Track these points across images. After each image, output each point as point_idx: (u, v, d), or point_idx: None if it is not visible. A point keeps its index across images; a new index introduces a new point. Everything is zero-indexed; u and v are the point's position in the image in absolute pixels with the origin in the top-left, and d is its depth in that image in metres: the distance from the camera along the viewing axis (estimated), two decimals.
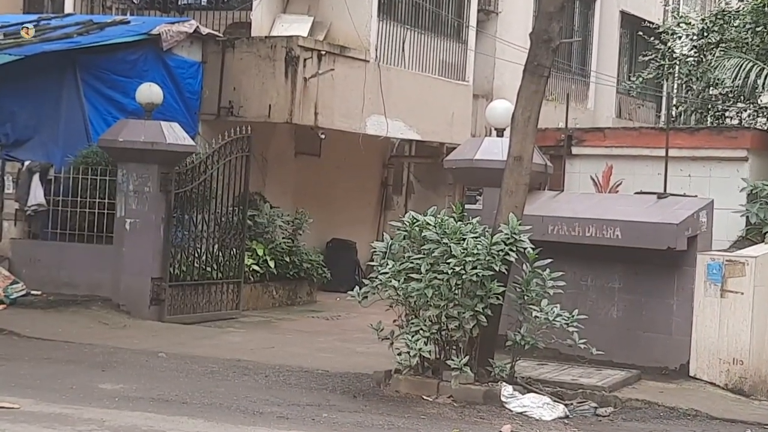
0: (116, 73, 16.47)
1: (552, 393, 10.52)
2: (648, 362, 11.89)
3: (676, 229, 11.61)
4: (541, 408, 10.12)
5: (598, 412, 10.30)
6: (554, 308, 10.41)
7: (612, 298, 12.23)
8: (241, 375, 11.49)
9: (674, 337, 11.91)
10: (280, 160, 19.25)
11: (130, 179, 14.92)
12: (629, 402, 10.62)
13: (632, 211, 12.11)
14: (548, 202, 12.60)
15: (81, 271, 15.21)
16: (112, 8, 19.56)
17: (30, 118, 15.86)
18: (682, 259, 11.81)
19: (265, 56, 17.68)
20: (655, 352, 11.96)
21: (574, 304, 10.87)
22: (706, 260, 11.74)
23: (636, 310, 12.11)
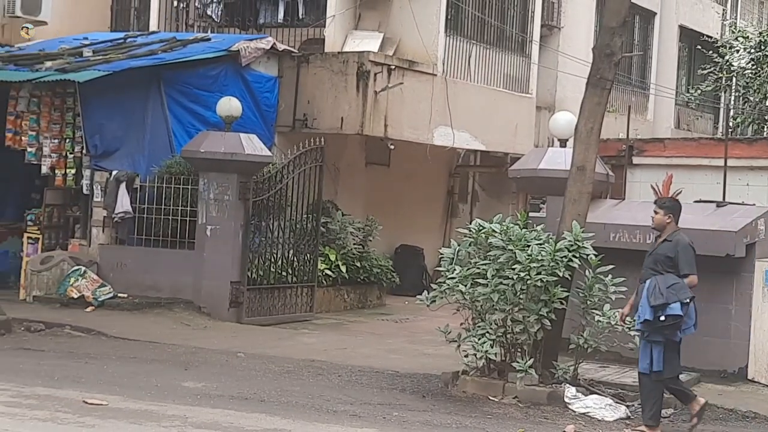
0: (198, 87, 16.58)
1: (614, 395, 10.43)
2: (707, 365, 11.74)
3: (734, 236, 11.48)
4: (604, 409, 10.05)
5: None
6: (616, 313, 10.33)
7: None
8: (316, 375, 11.52)
9: (733, 341, 11.76)
10: (352, 169, 19.29)
11: (211, 188, 15.03)
12: None
13: (692, 219, 11.95)
14: (610, 210, 12.50)
15: (164, 275, 15.33)
16: (194, 26, 19.72)
17: (117, 130, 15.97)
18: (740, 266, 11.67)
19: (338, 71, 17.72)
20: (714, 356, 11.81)
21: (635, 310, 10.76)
22: (764, 267, 11.59)
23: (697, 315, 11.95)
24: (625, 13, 11.15)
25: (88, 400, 9.30)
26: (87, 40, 18.42)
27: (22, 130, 16.21)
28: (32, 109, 16.18)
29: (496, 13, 20.78)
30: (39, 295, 15.34)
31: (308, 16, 19.12)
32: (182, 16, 19.99)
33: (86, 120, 15.71)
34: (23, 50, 18.29)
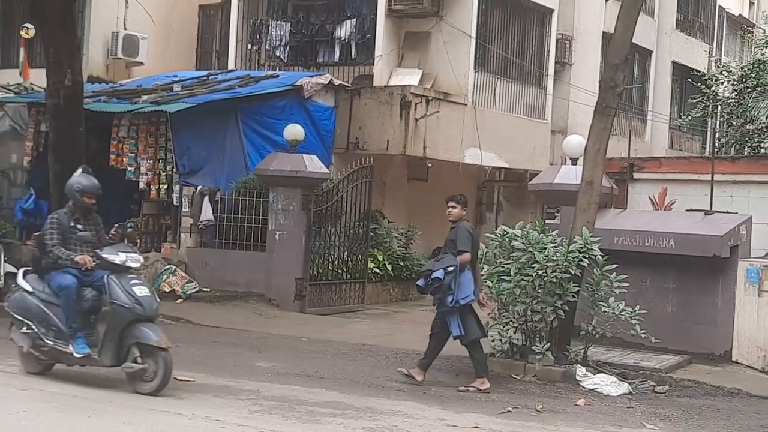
0: (268, 116, 16.63)
1: (618, 373, 10.37)
2: (697, 349, 11.63)
3: (720, 240, 11.36)
4: (609, 386, 9.98)
5: (656, 389, 10.12)
6: (619, 304, 10.27)
7: (667, 296, 11.99)
8: (367, 356, 11.52)
9: (719, 329, 11.63)
10: (396, 184, 19.28)
11: (279, 200, 15.08)
12: (682, 382, 10.40)
13: (684, 225, 11.88)
14: (614, 218, 12.41)
15: (240, 273, 15.39)
16: (265, 65, 19.81)
17: (202, 152, 16.06)
18: (725, 265, 11.55)
19: (384, 101, 17.74)
20: (703, 341, 11.69)
21: (636, 301, 10.70)
22: (745, 266, 11.47)
23: (687, 307, 11.86)
24: (626, 52, 11.08)
25: (179, 376, 9.35)
26: (176, 77, 18.57)
27: (123, 153, 16.32)
28: (131, 135, 16.28)
29: (517, 52, 20.70)
30: None
31: (359, 56, 19.16)
32: (255, 57, 20.10)
33: (176, 144, 15.83)
34: (124, 86, 18.48)
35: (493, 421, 8.43)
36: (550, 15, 21.38)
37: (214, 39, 21.88)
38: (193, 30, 21.90)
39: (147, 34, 20.17)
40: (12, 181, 18.06)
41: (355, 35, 19.13)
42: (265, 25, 19.90)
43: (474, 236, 10.08)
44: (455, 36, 18.70)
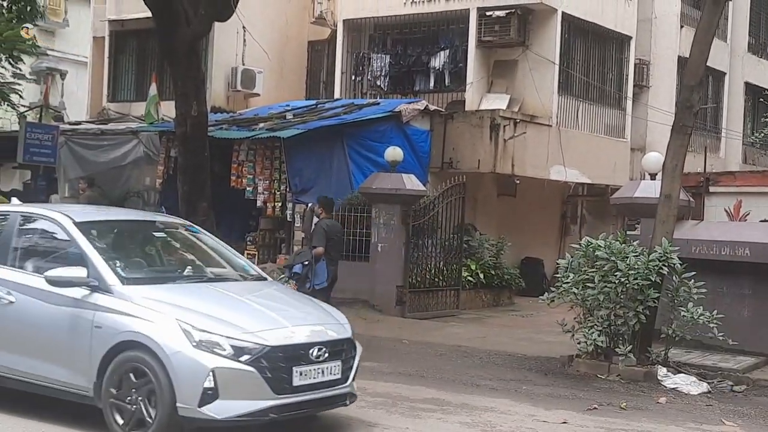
0: (371, 139, 16.75)
1: (697, 374, 10.11)
2: None
3: None
4: (689, 385, 9.75)
5: (734, 389, 9.85)
6: (698, 309, 10.03)
7: (743, 301, 11.64)
8: (462, 357, 11.49)
9: None
10: (487, 199, 19.19)
11: (381, 215, 15.16)
12: (758, 381, 10.09)
13: (758, 235, 11.54)
14: (691, 229, 12.13)
15: (347, 281, 15.30)
16: (367, 94, 19.97)
17: (311, 173, 16.23)
18: None
19: (475, 124, 17.71)
20: None
21: (713, 306, 10.39)
22: None
23: (762, 311, 11.50)
24: (701, 74, 10.84)
25: None
26: (288, 106, 18.85)
27: (242, 175, 16.63)
28: (250, 159, 16.59)
29: (598, 76, 20.43)
30: None
31: (452, 84, 19.18)
32: (358, 86, 20.29)
33: (289, 166, 16.05)
34: (243, 115, 18.86)
35: (580, 417, 8.32)
36: (629, 42, 21.04)
37: (321, 71, 22.15)
38: (303, 64, 22.22)
39: (262, 69, 20.55)
40: (146, 200, 18.59)
41: (449, 65, 19.17)
42: (367, 58, 20.08)
43: (329, 232, 11.35)
44: (540, 63, 18.57)
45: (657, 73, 22.66)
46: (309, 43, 22.20)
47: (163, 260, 8.07)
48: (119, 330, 6.71)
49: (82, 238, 7.29)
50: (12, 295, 7.32)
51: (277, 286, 8.32)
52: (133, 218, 8.86)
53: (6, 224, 7.82)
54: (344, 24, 20.31)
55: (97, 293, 6.92)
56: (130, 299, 6.82)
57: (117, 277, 6.99)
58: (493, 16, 18.31)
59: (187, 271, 7.90)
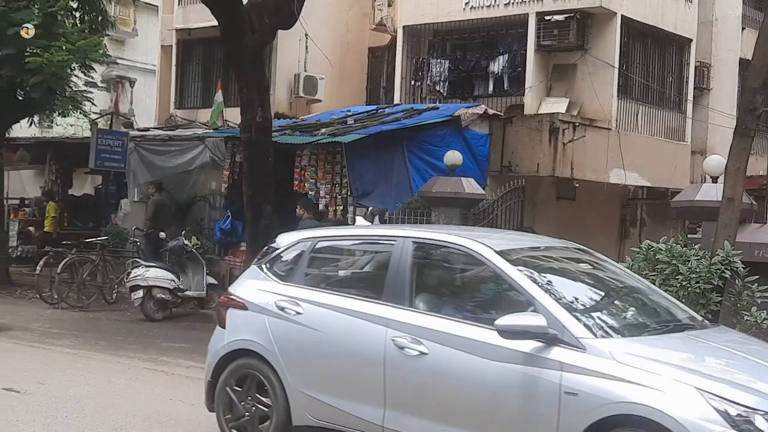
0: (430, 143, 16.71)
1: None
2: None
3: None
4: None
5: None
6: (761, 313, 9.79)
7: None
8: None
9: None
10: (546, 203, 19.02)
11: (440, 219, 15.05)
12: None
13: None
14: (754, 232, 11.85)
15: None
16: (427, 98, 19.95)
17: (372, 177, 16.26)
18: None
19: (534, 128, 17.57)
20: None
21: None
22: None
23: None
24: (764, 77, 10.58)
25: None
26: (349, 112, 18.93)
27: (305, 179, 16.72)
28: (312, 163, 16.66)
29: (658, 79, 20.13)
30: None
31: (511, 88, 19.06)
32: (418, 91, 20.29)
33: (350, 170, 16.08)
34: (305, 121, 18.99)
35: None
36: (689, 44, 20.69)
37: (381, 77, 22.22)
38: (364, 69, 22.32)
39: (324, 75, 20.71)
40: (212, 205, 18.86)
41: (507, 69, 19.06)
42: (427, 63, 20.08)
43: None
44: (599, 66, 18.37)
45: (718, 76, 22.24)
46: (369, 50, 22.30)
47: (612, 301, 6.32)
48: (607, 399, 5.07)
49: (519, 275, 5.79)
50: (422, 344, 5.80)
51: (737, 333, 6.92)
52: (549, 245, 7.06)
53: (394, 253, 6.29)
54: (404, 30, 20.33)
55: (559, 348, 5.34)
56: (611, 357, 5.21)
57: (585, 328, 5.45)
58: (552, 21, 18.17)
59: (651, 317, 6.27)
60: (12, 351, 10.42)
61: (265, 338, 6.49)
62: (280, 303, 6.54)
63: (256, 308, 6.66)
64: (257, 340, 6.53)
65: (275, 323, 6.50)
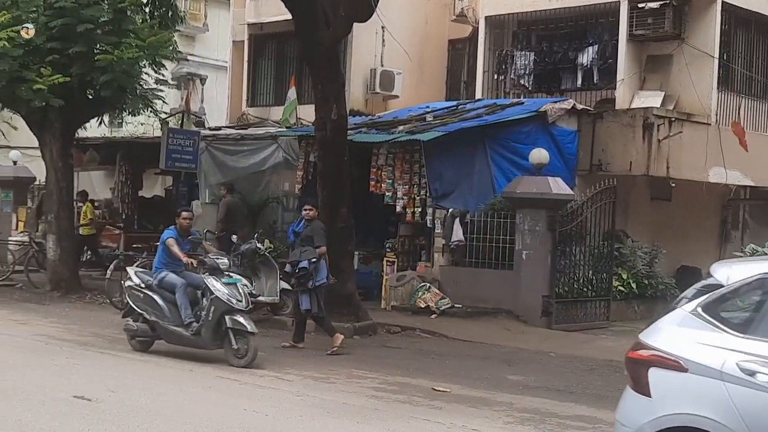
0: (514, 141, 16.65)
1: None
2: None
3: None
4: None
5: None
6: None
7: None
8: (614, 372, 11.20)
9: None
10: (639, 204, 18.70)
11: (525, 221, 15.01)
12: None
13: None
14: None
15: (489, 290, 15.42)
16: (510, 93, 19.83)
17: (452, 177, 16.26)
18: None
19: (627, 124, 17.32)
20: None
21: None
22: None
23: None
24: None
25: (436, 387, 9.53)
26: (428, 108, 18.95)
27: (381, 179, 16.77)
28: (389, 163, 16.71)
29: (763, 70, 19.59)
30: (395, 305, 15.84)
31: (601, 81, 18.81)
32: (501, 85, 20.17)
33: (429, 169, 16.10)
34: (382, 118, 19.07)
35: None
36: None
37: (462, 71, 22.16)
38: (443, 63, 22.29)
39: (401, 69, 20.75)
40: (285, 206, 19.06)
41: (597, 61, 18.82)
42: (510, 56, 19.94)
43: (326, 232, 12.45)
44: (697, 57, 17.97)
45: None
46: (449, 42, 22.26)
47: None
48: None
49: None
50: None
51: None
52: None
53: None
54: (486, 21, 20.23)
55: None
56: None
57: None
58: (646, 8, 17.86)
59: None
60: (82, 357, 10.70)
61: (724, 413, 5.10)
62: (746, 365, 5.12)
63: (704, 370, 5.21)
64: (711, 415, 5.14)
65: (742, 393, 5.07)
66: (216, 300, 10.48)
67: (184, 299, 10.87)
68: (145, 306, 11.05)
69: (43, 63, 16.39)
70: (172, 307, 10.91)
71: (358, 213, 15.67)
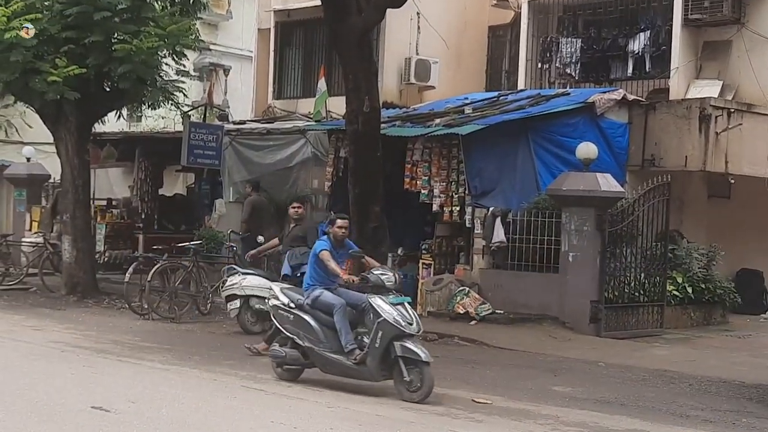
0: (559, 134, 16.61)
1: None
2: None
3: None
4: None
5: None
6: None
7: None
8: (668, 383, 11.17)
9: None
10: (695, 202, 18.57)
11: (572, 220, 14.95)
12: None
13: None
14: None
15: (533, 295, 15.37)
16: (556, 83, 19.78)
17: (493, 173, 16.23)
18: None
19: (681, 116, 17.21)
20: None
21: None
22: None
23: None
24: None
25: (476, 399, 9.51)
26: (467, 99, 18.95)
27: (417, 176, 16.76)
28: (425, 158, 16.68)
29: None
30: (432, 311, 15.83)
31: (654, 70, 18.72)
32: (545, 75, 20.13)
33: (468, 166, 16.07)
34: (417, 111, 19.08)
35: None
36: None
37: (503, 59, 22.13)
38: (483, 51, 22.27)
39: (438, 58, 20.76)
40: (314, 205, 19.10)
41: (649, 48, 18.75)
42: (555, 43, 19.89)
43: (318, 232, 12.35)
44: (759, 43, 17.83)
45: None
46: (489, 29, 22.24)
47: None
48: None
49: None
50: None
51: None
52: None
53: None
54: (529, 5, 20.19)
55: None
56: None
57: None
58: None
59: None
60: (100, 366, 10.80)
61: None
62: None
63: None
64: None
65: None
66: (384, 324, 9.47)
67: (344, 322, 9.87)
68: (295, 329, 10.12)
69: (57, 53, 16.56)
70: (327, 331, 9.96)
71: (392, 212, 15.71)
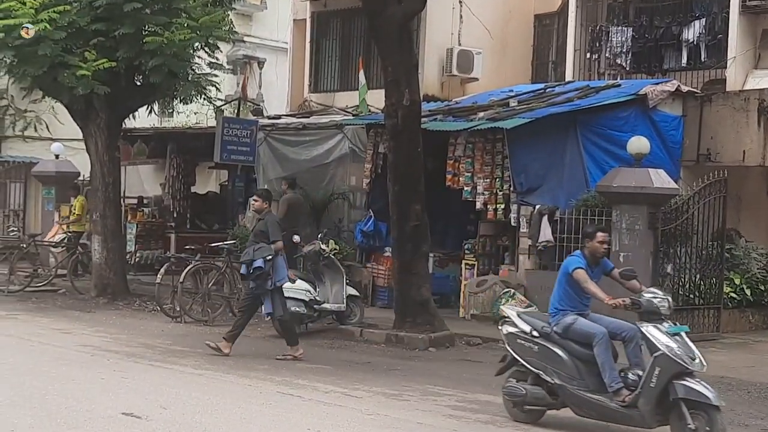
0: (610, 128, 16.48)
1: None
2: None
3: None
4: None
5: None
6: None
7: None
8: (726, 390, 11.03)
9: None
10: (754, 199, 18.33)
11: (623, 218, 14.83)
12: None
13: None
14: None
15: None
16: (605, 74, 19.62)
17: (539, 169, 16.15)
18: None
19: (739, 108, 17.02)
20: None
21: None
22: None
23: None
24: None
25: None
26: (512, 92, 18.85)
27: (459, 172, 16.74)
28: (468, 154, 16.65)
29: None
30: (475, 314, 15.80)
31: (710, 59, 18.51)
32: (594, 66, 19.99)
33: (513, 161, 16.03)
34: (459, 104, 19.03)
35: None
36: None
37: (550, 49, 22.01)
38: (529, 41, 22.16)
39: (481, 49, 20.68)
40: (352, 203, 19.12)
41: (705, 36, 18.54)
42: (605, 32, 19.75)
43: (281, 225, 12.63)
44: None
45: None
46: (535, 17, 22.13)
47: None
48: None
49: None
50: None
51: None
52: None
53: None
54: None
55: None
56: None
57: None
58: None
59: None
60: (131, 370, 10.88)
61: None
62: None
63: None
64: None
65: None
66: (662, 359, 8.32)
67: (606, 356, 8.73)
68: (541, 363, 9.00)
69: (87, 46, 16.71)
70: (582, 366, 8.84)
71: (434, 210, 15.66)
